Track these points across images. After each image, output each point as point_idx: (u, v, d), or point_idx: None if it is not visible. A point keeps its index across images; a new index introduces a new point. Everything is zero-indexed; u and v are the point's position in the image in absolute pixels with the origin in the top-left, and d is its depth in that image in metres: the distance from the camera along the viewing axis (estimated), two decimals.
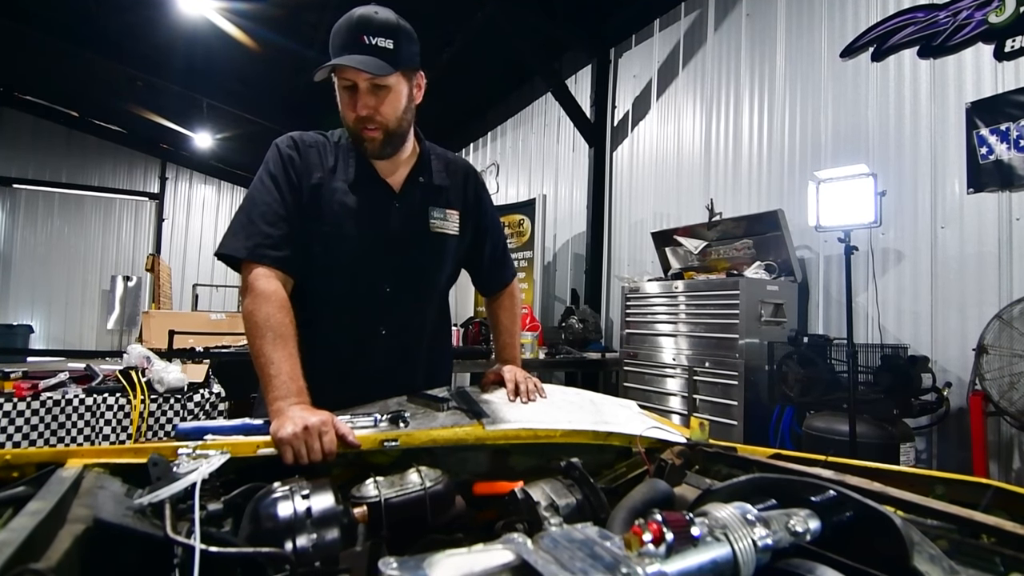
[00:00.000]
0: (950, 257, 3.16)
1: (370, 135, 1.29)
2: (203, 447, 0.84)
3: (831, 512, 0.66)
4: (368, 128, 1.28)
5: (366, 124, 1.27)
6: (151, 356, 2.88)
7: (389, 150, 1.33)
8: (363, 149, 1.33)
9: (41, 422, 2.43)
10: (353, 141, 1.35)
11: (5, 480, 0.77)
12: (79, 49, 7.36)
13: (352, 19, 1.24)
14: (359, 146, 1.33)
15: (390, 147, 1.33)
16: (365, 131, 1.29)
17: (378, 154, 1.33)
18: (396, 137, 1.32)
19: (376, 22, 1.23)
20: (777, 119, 4.19)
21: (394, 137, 1.32)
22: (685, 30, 5.09)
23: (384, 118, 1.28)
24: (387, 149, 1.33)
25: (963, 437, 2.91)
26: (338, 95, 1.29)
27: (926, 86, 3.33)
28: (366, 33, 1.22)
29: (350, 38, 1.23)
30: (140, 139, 11.63)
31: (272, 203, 1.27)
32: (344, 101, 1.29)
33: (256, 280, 1.20)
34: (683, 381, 3.81)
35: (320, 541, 0.70)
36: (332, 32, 1.27)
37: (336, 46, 1.24)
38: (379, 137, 1.29)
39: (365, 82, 1.24)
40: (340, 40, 1.24)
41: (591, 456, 1.11)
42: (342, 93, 1.28)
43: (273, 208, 1.26)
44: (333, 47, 1.25)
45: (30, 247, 11.23)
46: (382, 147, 1.31)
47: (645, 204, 5.43)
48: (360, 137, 1.30)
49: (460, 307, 6.31)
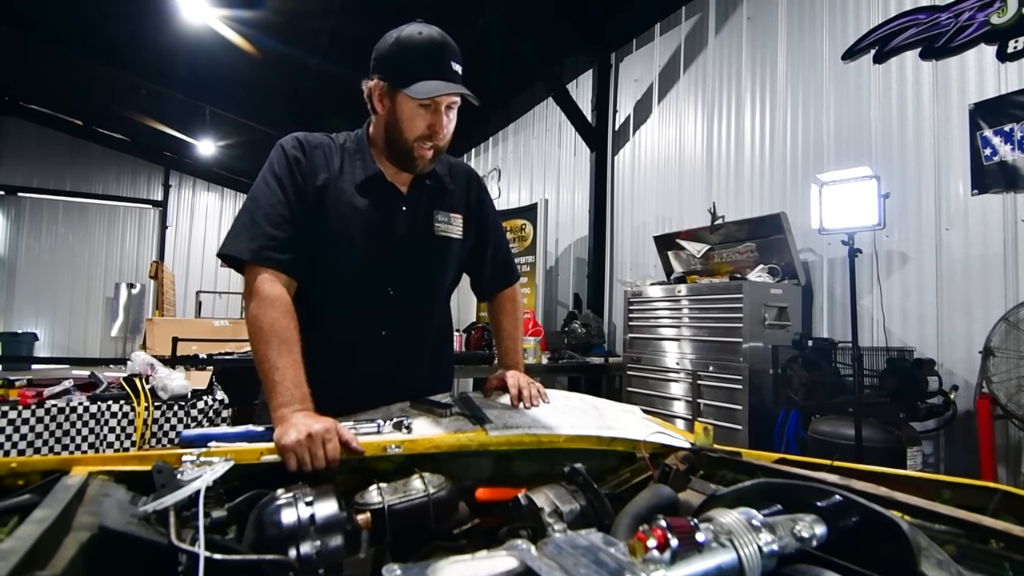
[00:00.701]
0: (955, 259, 3.15)
1: (425, 152, 1.31)
2: (207, 454, 0.84)
3: (837, 517, 0.65)
4: (425, 146, 1.30)
5: (426, 142, 1.30)
6: (155, 363, 2.89)
7: (432, 166, 1.37)
8: (412, 164, 1.33)
9: (46, 430, 2.44)
10: (395, 153, 1.34)
11: (11, 488, 0.77)
12: (82, 57, 7.42)
13: (436, 42, 1.25)
14: (407, 161, 1.33)
15: (434, 162, 1.37)
16: (422, 148, 1.30)
17: (425, 169, 1.36)
18: (441, 154, 1.37)
19: (453, 48, 1.28)
20: (779, 122, 4.19)
21: (441, 153, 1.36)
22: (686, 34, 5.10)
23: (446, 138, 1.33)
24: (431, 165, 1.37)
25: (971, 441, 2.90)
26: (406, 110, 1.28)
27: (929, 88, 3.33)
28: (452, 59, 1.26)
29: (440, 62, 1.24)
30: (144, 147, 11.70)
31: (277, 204, 1.26)
32: (415, 118, 1.28)
33: (261, 284, 1.20)
34: (687, 385, 3.80)
35: (324, 548, 0.70)
36: (407, 46, 1.25)
37: (420, 65, 1.24)
38: (431, 155, 1.32)
39: (445, 106, 1.27)
40: (427, 61, 1.24)
41: (595, 461, 1.11)
42: (416, 111, 1.27)
43: (278, 210, 1.25)
44: (415, 65, 1.24)
45: (35, 255, 11.29)
46: (430, 163, 1.35)
47: (647, 208, 5.43)
48: (413, 154, 1.31)
49: (463, 312, 6.32)
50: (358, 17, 5.88)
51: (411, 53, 1.25)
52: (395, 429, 1.03)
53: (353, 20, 6.00)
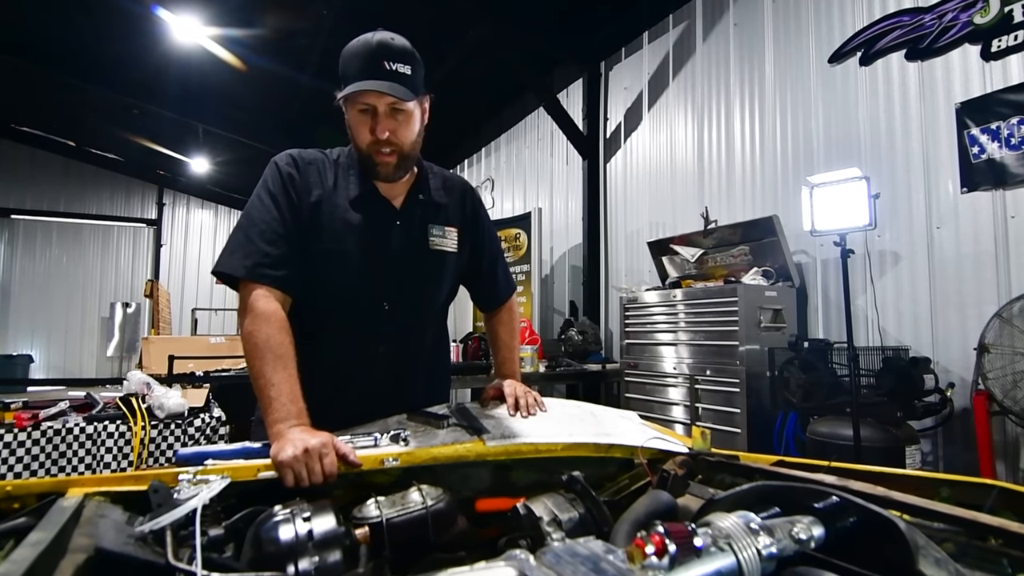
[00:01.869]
0: (947, 257, 3.17)
1: (384, 159, 1.30)
2: (204, 472, 0.84)
3: (835, 518, 0.66)
4: (383, 152, 1.29)
5: (382, 147, 1.28)
6: (151, 382, 2.87)
7: (400, 173, 1.35)
8: (375, 172, 1.33)
9: (42, 452, 2.42)
10: (362, 163, 1.34)
11: (6, 511, 0.77)
12: (74, 79, 7.43)
13: (371, 44, 1.24)
14: (370, 169, 1.33)
15: (402, 170, 1.34)
16: (380, 155, 1.29)
17: (390, 177, 1.34)
18: (408, 160, 1.34)
19: (395, 48, 1.25)
20: (768, 126, 4.23)
21: (407, 160, 1.34)
22: (674, 41, 5.15)
23: (401, 142, 1.30)
24: (399, 172, 1.34)
25: (968, 438, 2.90)
26: (352, 119, 1.29)
27: (915, 88, 3.36)
28: (387, 59, 1.23)
29: (371, 63, 1.23)
30: (137, 166, 11.70)
31: (271, 221, 1.26)
32: (359, 124, 1.28)
33: (255, 300, 1.19)
34: (685, 390, 3.80)
35: (322, 564, 0.70)
36: (347, 55, 1.26)
37: (354, 70, 1.23)
38: (393, 161, 1.30)
39: (385, 106, 1.25)
40: (359, 64, 1.23)
41: (593, 469, 1.11)
42: (358, 116, 1.28)
43: (272, 227, 1.25)
44: (350, 71, 1.24)
45: (29, 277, 11.24)
46: (395, 170, 1.33)
47: (640, 214, 5.45)
48: (373, 160, 1.30)
49: (459, 322, 6.31)
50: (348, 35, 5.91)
51: (348, 59, 1.26)
52: (392, 442, 1.03)
53: (343, 38, 6.01)
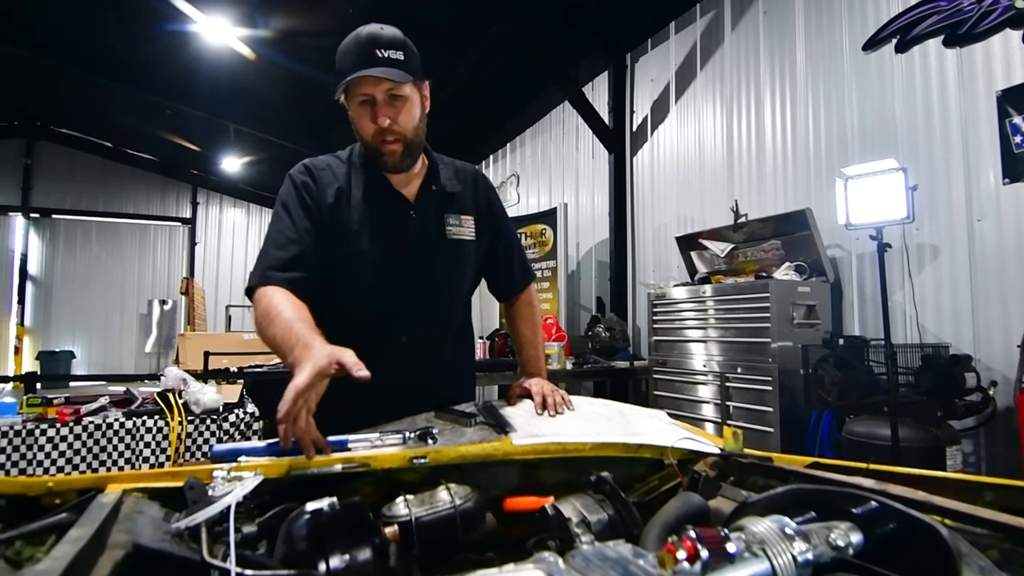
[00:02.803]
0: (989, 250, 3.05)
1: (390, 148, 1.31)
2: (237, 469, 0.85)
3: (874, 524, 0.64)
4: (387, 141, 1.30)
5: (385, 136, 1.29)
6: (187, 378, 2.95)
7: (408, 161, 1.35)
8: (382, 163, 1.34)
9: (83, 446, 2.51)
10: (370, 157, 1.36)
11: (48, 507, 0.79)
12: (108, 81, 7.66)
13: (361, 36, 1.26)
14: (377, 160, 1.34)
15: (409, 158, 1.35)
16: (384, 144, 1.30)
17: (397, 166, 1.35)
18: (414, 147, 1.35)
19: (385, 37, 1.26)
20: (800, 116, 4.13)
21: (412, 148, 1.34)
22: (701, 31, 5.06)
23: (403, 128, 1.30)
24: (406, 161, 1.35)
25: (1012, 438, 2.79)
26: (353, 112, 1.31)
27: (953, 76, 3.24)
28: (377, 47, 1.24)
29: (362, 54, 1.24)
30: (171, 166, 12.03)
31: (284, 229, 1.29)
32: (361, 116, 1.30)
33: (262, 296, 1.21)
34: (715, 388, 3.74)
35: (353, 562, 0.70)
36: (340, 53, 1.28)
37: (348, 64, 1.25)
38: (399, 149, 1.31)
39: (383, 94, 1.26)
40: (352, 58, 1.25)
41: (622, 469, 1.09)
42: (359, 109, 1.29)
43: (284, 234, 1.29)
44: (344, 66, 1.26)
45: (70, 275, 11.66)
46: (402, 159, 1.33)
47: (668, 208, 5.38)
48: (379, 151, 1.31)
49: (485, 319, 6.32)
50: None
51: (341, 57, 1.28)
52: (420, 440, 1.03)
53: None
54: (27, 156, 11.19)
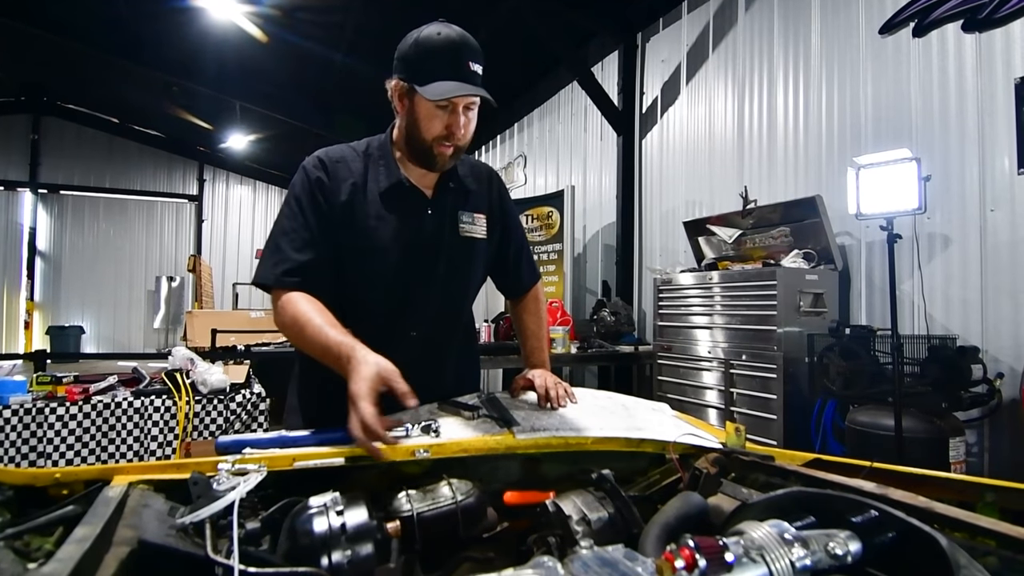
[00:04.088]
0: (1001, 241, 3.01)
1: (444, 150, 1.32)
2: (241, 461, 0.86)
3: (873, 532, 0.64)
4: (446, 144, 1.31)
5: (444, 141, 1.30)
6: (195, 358, 2.98)
7: (452, 163, 1.38)
8: (433, 163, 1.34)
9: (92, 425, 2.54)
10: (415, 152, 1.35)
11: (56, 497, 0.81)
12: (116, 58, 7.63)
13: (455, 43, 1.25)
14: (428, 160, 1.34)
15: (454, 160, 1.37)
16: (441, 146, 1.31)
17: (445, 167, 1.37)
18: (462, 152, 1.37)
19: (476, 49, 1.27)
20: (813, 100, 4.05)
21: (461, 153, 1.37)
22: (715, 11, 4.95)
23: (466, 138, 1.33)
24: (452, 162, 1.37)
25: (1017, 430, 2.79)
26: (423, 110, 1.29)
27: (972, 61, 3.17)
28: (471, 60, 1.25)
29: (458, 63, 1.24)
30: (178, 143, 12.02)
31: (299, 229, 1.30)
32: (432, 118, 1.28)
33: (283, 301, 1.26)
34: (719, 374, 3.74)
35: (355, 557, 0.71)
36: (425, 47, 1.25)
37: (439, 67, 1.23)
38: (450, 153, 1.33)
39: (463, 105, 1.28)
40: (444, 62, 1.24)
41: (624, 463, 1.10)
42: (434, 111, 1.27)
43: (300, 234, 1.30)
44: (431, 66, 1.24)
45: (78, 250, 11.74)
46: (450, 160, 1.35)
47: (676, 192, 5.33)
48: (432, 152, 1.32)
49: (491, 303, 6.33)
50: (380, 11, 5.90)
51: (429, 54, 1.25)
52: (423, 432, 1.04)
53: (375, 14, 6.01)
54: (34, 132, 11.20)
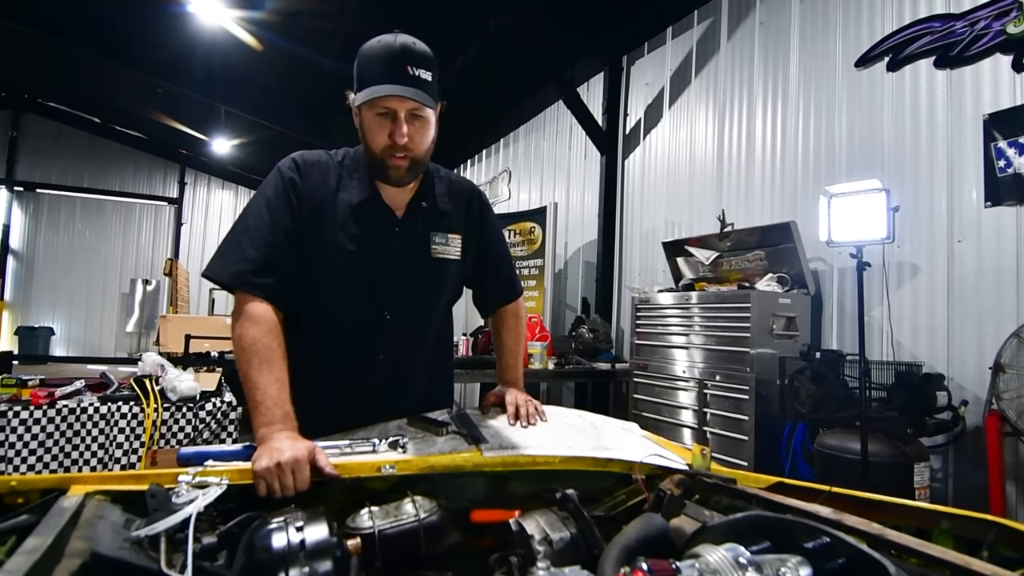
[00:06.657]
0: (967, 272, 3.10)
1: (397, 162, 1.27)
2: (203, 474, 0.85)
3: (824, 558, 0.65)
4: (397, 156, 1.26)
5: (395, 152, 1.26)
6: (165, 364, 2.93)
7: (410, 177, 1.32)
8: (386, 176, 1.30)
9: (56, 430, 2.48)
10: (372, 167, 1.32)
11: (11, 506, 0.79)
12: (100, 57, 7.53)
13: (395, 48, 1.22)
14: (381, 172, 1.30)
15: (412, 175, 1.32)
16: (393, 158, 1.27)
17: (401, 181, 1.31)
18: (420, 165, 1.32)
19: (418, 54, 1.23)
20: (791, 128, 4.16)
21: (418, 165, 1.32)
22: (698, 38, 5.07)
23: (417, 148, 1.28)
24: (409, 176, 1.32)
25: (980, 456, 2.86)
26: (368, 121, 1.26)
27: (943, 97, 3.28)
28: (410, 64, 1.21)
29: (394, 66, 1.20)
30: (160, 145, 11.86)
31: (262, 227, 1.25)
32: (376, 128, 1.25)
33: (245, 304, 1.20)
34: (694, 394, 3.78)
35: (313, 573, 0.71)
36: (365, 56, 1.24)
37: (375, 72, 1.21)
38: (405, 165, 1.28)
39: (405, 111, 1.23)
40: (381, 66, 1.21)
41: (591, 482, 1.11)
42: (376, 119, 1.25)
43: (263, 233, 1.24)
44: (370, 72, 1.22)
45: (52, 250, 11.48)
46: (406, 174, 1.30)
47: (657, 213, 5.41)
48: (385, 164, 1.28)
49: (470, 316, 6.31)
50: (371, 19, 5.92)
51: (368, 61, 1.24)
52: (391, 448, 1.04)
53: (366, 22, 6.03)
54: (13, 128, 10.99)
